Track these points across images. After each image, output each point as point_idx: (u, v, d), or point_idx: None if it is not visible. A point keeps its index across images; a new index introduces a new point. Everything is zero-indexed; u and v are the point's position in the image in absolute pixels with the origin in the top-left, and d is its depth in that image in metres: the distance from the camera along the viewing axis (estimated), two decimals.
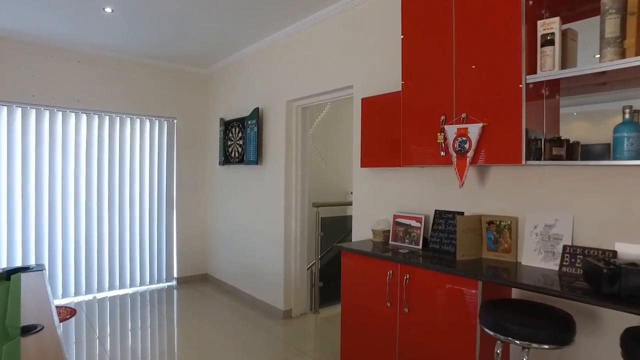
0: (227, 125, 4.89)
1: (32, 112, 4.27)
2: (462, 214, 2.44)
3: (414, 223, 2.65)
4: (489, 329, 1.72)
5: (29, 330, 1.25)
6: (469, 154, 2.07)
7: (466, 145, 2.08)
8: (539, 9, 2.01)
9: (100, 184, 4.68)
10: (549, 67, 1.86)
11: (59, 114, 4.43)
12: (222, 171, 5.13)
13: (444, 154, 2.21)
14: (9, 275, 2.04)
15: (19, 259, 4.20)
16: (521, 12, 1.90)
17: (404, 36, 2.44)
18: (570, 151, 1.94)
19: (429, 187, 2.67)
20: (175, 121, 5.24)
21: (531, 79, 1.90)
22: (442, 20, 2.23)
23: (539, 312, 1.71)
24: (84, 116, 4.58)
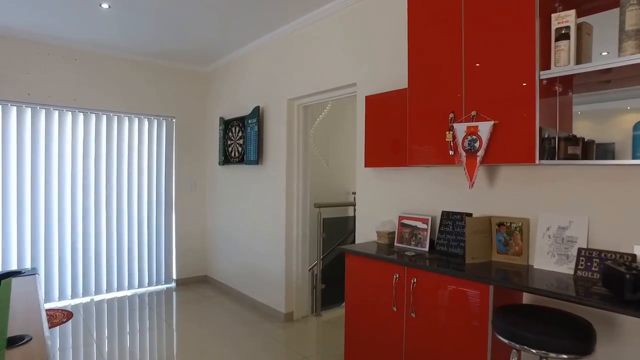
0: (227, 125, 4.80)
1: (28, 111, 4.18)
2: (470, 215, 2.36)
3: (420, 224, 2.56)
4: (503, 337, 1.63)
5: (15, 342, 1.16)
6: (479, 153, 1.99)
7: (476, 144, 2.00)
8: (552, 2, 1.93)
9: (97, 184, 4.60)
10: (563, 62, 1.78)
11: (55, 112, 4.34)
12: (222, 171, 5.05)
13: (452, 153, 2.13)
14: None
15: (14, 260, 4.11)
16: (535, 4, 1.82)
17: (410, 31, 2.35)
18: (585, 150, 1.86)
19: (436, 187, 2.59)
20: (174, 120, 5.15)
21: (545, 75, 1.81)
22: (450, 12, 2.15)
23: (556, 320, 1.63)
24: (80, 115, 4.49)
